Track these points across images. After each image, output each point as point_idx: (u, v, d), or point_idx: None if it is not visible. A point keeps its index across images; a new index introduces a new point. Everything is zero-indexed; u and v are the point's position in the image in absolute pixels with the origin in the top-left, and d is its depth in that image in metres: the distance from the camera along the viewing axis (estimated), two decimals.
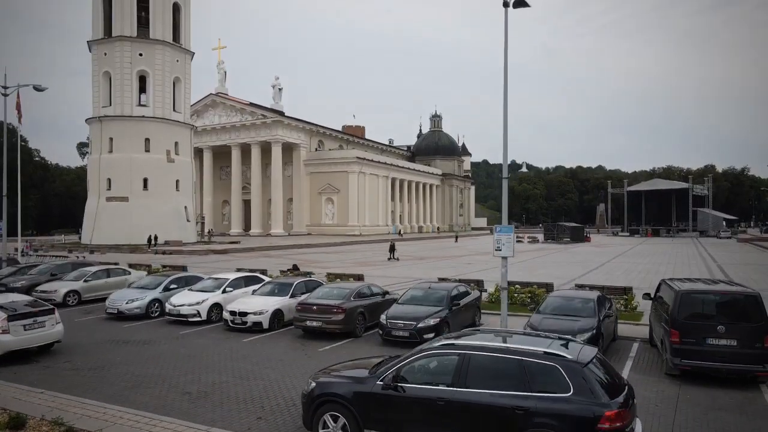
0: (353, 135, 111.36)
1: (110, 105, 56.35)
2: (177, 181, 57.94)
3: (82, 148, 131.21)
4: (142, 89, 57.40)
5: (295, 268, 24.53)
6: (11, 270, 22.86)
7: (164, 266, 27.40)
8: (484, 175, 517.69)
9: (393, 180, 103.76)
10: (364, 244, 68.81)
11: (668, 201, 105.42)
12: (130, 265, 28.58)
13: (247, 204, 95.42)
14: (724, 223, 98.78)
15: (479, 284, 20.54)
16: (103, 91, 56.76)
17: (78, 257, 29.63)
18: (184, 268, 27.20)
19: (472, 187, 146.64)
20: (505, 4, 14.31)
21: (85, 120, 58.70)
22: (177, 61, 58.84)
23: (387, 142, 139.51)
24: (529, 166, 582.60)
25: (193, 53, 61.39)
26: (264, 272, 24.71)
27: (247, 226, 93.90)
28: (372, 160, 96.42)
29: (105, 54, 56.29)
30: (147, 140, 56.02)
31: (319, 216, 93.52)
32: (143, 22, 57.14)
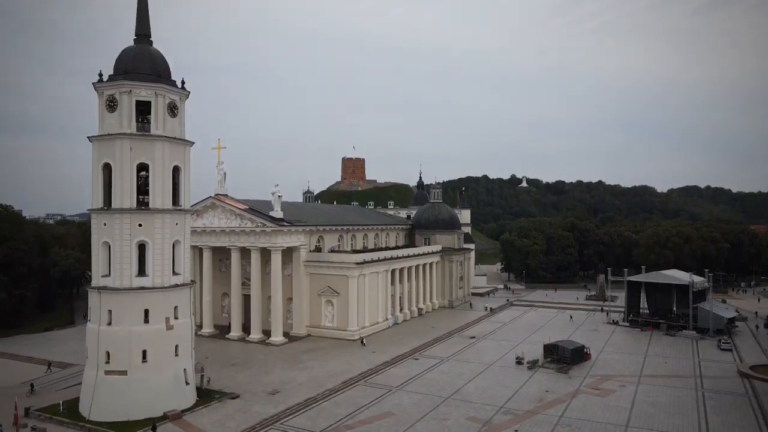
0: (352, 224, 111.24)
1: (109, 275, 56.11)
2: (176, 347, 57.79)
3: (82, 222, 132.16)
4: (142, 246, 56.96)
5: None
6: None
7: None
8: (484, 192, 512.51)
9: (393, 270, 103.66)
10: (370, 379, 65.92)
11: (668, 292, 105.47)
12: None
13: (246, 299, 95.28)
14: (725, 319, 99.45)
15: None
16: (102, 260, 56.49)
17: None
18: None
19: (472, 254, 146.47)
20: None
21: (86, 287, 58.51)
22: (176, 224, 58.50)
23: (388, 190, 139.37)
24: (529, 181, 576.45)
25: (192, 211, 61.09)
26: None
27: (246, 324, 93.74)
28: (372, 260, 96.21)
29: (105, 224, 55.99)
30: (146, 311, 55.80)
31: (319, 317, 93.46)
32: (143, 190, 56.83)
